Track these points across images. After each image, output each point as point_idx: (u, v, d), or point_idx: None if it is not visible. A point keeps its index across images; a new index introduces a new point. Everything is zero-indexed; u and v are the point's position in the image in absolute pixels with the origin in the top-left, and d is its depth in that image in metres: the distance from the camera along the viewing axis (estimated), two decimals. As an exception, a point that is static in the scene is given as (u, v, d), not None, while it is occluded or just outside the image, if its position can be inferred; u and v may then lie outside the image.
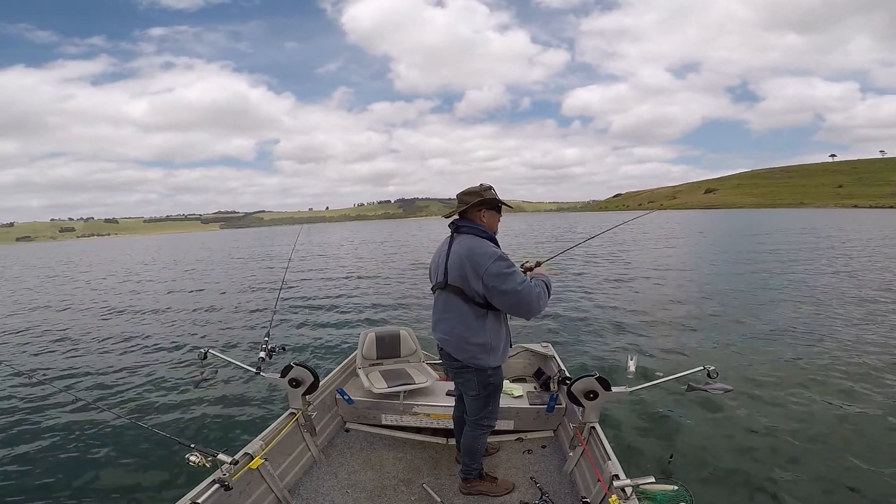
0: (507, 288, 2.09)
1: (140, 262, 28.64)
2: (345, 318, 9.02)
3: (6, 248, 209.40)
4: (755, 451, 3.57)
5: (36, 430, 4.34)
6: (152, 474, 3.50)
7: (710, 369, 2.32)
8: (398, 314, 9.20)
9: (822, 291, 9.69)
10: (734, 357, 5.76)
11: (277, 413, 2.94)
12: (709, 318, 7.91)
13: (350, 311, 9.71)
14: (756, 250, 18.99)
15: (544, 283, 2.23)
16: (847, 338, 6.29)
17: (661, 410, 4.22)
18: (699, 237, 29.17)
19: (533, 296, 2.10)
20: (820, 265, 13.75)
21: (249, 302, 11.35)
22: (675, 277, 12.74)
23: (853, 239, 22.88)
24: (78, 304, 12.50)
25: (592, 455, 2.49)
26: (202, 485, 2.03)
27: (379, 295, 11.46)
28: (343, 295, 11.68)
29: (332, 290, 12.41)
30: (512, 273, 2.11)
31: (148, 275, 19.99)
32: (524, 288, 2.09)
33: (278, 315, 8.94)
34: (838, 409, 4.19)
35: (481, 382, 2.32)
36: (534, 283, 2.17)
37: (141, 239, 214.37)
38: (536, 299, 2.12)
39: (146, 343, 7.53)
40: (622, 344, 6.45)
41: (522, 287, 2.09)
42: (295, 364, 2.73)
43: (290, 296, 11.48)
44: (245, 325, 8.70)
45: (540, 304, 2.14)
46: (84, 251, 63.26)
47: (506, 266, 2.12)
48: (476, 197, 2.29)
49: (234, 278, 16.71)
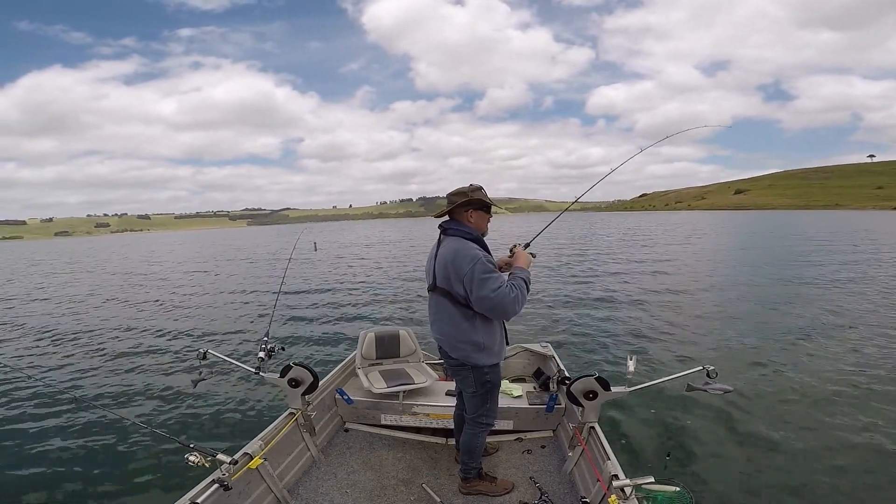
0: (482, 294, 2.11)
1: (174, 261, 28.04)
2: (345, 317, 9.02)
3: (45, 242, 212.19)
4: (755, 452, 3.58)
5: (34, 429, 4.34)
6: (152, 474, 3.50)
7: (709, 369, 2.32)
8: (399, 314, 9.20)
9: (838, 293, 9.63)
10: (734, 357, 5.77)
11: (277, 413, 2.93)
12: (709, 318, 7.92)
13: (350, 310, 9.71)
14: (777, 250, 18.53)
15: (523, 281, 2.23)
16: (858, 343, 6.22)
17: (660, 410, 4.22)
18: (719, 237, 28.70)
19: (507, 301, 2.11)
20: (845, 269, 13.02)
21: (249, 302, 11.34)
22: (677, 278, 12.75)
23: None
24: (81, 300, 12.49)
25: (592, 455, 2.49)
26: (202, 485, 2.03)
27: (380, 295, 11.46)
28: (344, 295, 11.68)
29: (332, 291, 12.41)
30: (488, 279, 2.12)
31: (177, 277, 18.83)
32: (497, 294, 2.10)
33: (278, 315, 8.94)
34: (841, 410, 4.19)
35: (478, 380, 2.35)
36: (510, 285, 2.17)
37: (173, 235, 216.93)
38: (511, 304, 2.13)
39: (146, 342, 7.53)
40: (622, 344, 6.45)
41: (496, 294, 2.10)
42: (294, 364, 2.73)
43: (291, 296, 11.47)
44: (245, 325, 8.69)
45: (515, 308, 2.15)
46: (118, 245, 62.95)
47: (483, 271, 2.13)
48: (462, 197, 2.31)
49: (246, 277, 16.66)
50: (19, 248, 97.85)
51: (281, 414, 2.83)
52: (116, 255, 39.42)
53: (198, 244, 53.85)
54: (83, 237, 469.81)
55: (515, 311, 2.17)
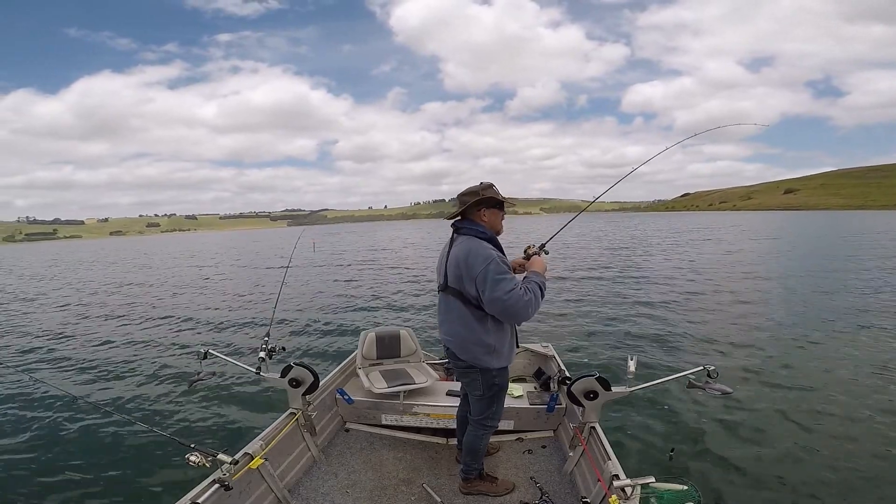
0: (495, 295, 2.05)
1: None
2: (345, 318, 9.02)
3: (100, 241, 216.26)
4: (757, 452, 3.57)
5: (34, 429, 4.34)
6: (152, 474, 3.50)
7: (710, 369, 2.32)
8: (399, 314, 9.20)
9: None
10: (735, 356, 5.76)
11: (277, 413, 2.93)
12: (711, 317, 7.91)
13: (351, 310, 9.71)
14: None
15: (538, 286, 2.16)
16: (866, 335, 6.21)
17: (661, 411, 4.22)
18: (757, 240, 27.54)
19: (520, 305, 2.05)
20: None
21: (250, 302, 11.35)
22: (679, 278, 12.74)
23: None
24: (100, 302, 12.50)
25: (592, 455, 2.48)
26: (202, 485, 2.03)
27: (380, 295, 11.46)
28: (344, 295, 11.69)
29: (333, 290, 12.41)
30: (502, 279, 2.06)
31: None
32: (510, 297, 2.04)
33: (278, 315, 8.94)
34: (844, 413, 4.18)
35: (486, 383, 2.32)
36: (524, 288, 2.10)
37: (218, 234, 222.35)
38: (524, 308, 2.07)
39: (146, 342, 7.54)
40: (622, 344, 6.45)
41: (508, 296, 2.04)
42: (295, 364, 2.73)
43: (292, 296, 11.48)
44: (245, 325, 8.70)
45: (528, 312, 2.09)
46: (173, 244, 62.61)
47: (497, 272, 2.07)
48: (474, 196, 2.27)
49: (248, 277, 16.64)
50: (82, 246, 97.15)
51: (281, 414, 2.83)
52: (173, 254, 39.31)
53: (240, 243, 53.19)
54: (136, 236, 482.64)
55: (528, 316, 2.11)
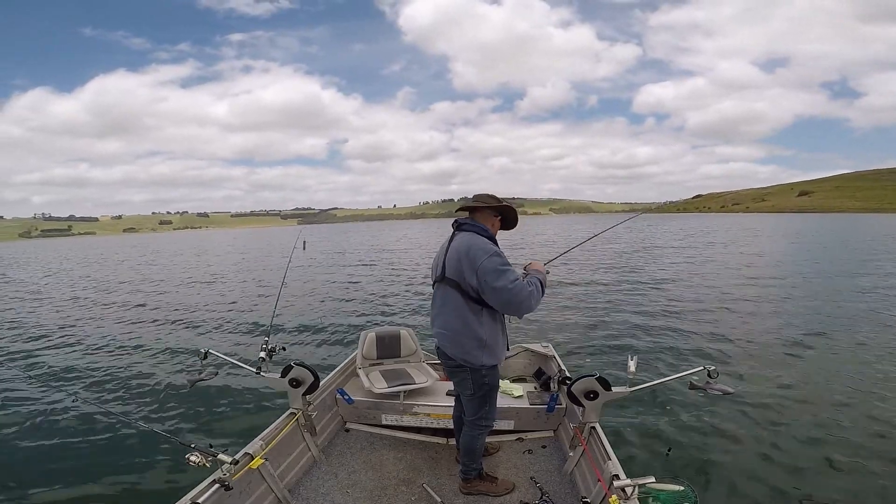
0: (499, 285, 2.10)
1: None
2: (345, 318, 9.01)
3: (114, 237, 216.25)
4: (757, 452, 3.57)
5: (34, 429, 4.34)
6: (152, 474, 3.50)
7: (710, 369, 2.32)
8: (400, 314, 9.20)
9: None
10: (736, 356, 5.76)
11: (278, 413, 2.93)
12: (712, 318, 7.91)
13: (351, 311, 9.71)
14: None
15: (538, 282, 2.24)
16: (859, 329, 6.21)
17: (662, 411, 4.22)
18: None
19: (524, 295, 2.12)
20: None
21: (251, 302, 11.35)
22: (682, 278, 12.73)
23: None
24: (87, 301, 12.51)
25: (592, 455, 2.48)
26: (202, 485, 2.03)
27: (381, 295, 11.46)
28: (345, 295, 11.68)
29: (334, 290, 12.41)
30: (505, 271, 2.13)
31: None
32: (514, 286, 2.10)
33: (279, 315, 8.93)
34: (847, 416, 4.17)
35: (476, 382, 2.33)
36: (527, 281, 2.19)
37: (229, 232, 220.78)
38: (527, 298, 2.13)
39: (146, 342, 7.53)
40: (622, 344, 6.44)
41: (513, 286, 2.10)
42: (295, 364, 2.73)
43: (292, 296, 11.47)
44: (245, 325, 8.70)
45: (531, 303, 2.15)
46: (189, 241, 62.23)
47: (500, 263, 2.14)
48: (496, 202, 2.36)
49: (249, 277, 16.61)
50: (95, 243, 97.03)
51: (282, 414, 2.83)
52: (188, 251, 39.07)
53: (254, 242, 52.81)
54: (149, 234, 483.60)
55: (530, 308, 2.16)
